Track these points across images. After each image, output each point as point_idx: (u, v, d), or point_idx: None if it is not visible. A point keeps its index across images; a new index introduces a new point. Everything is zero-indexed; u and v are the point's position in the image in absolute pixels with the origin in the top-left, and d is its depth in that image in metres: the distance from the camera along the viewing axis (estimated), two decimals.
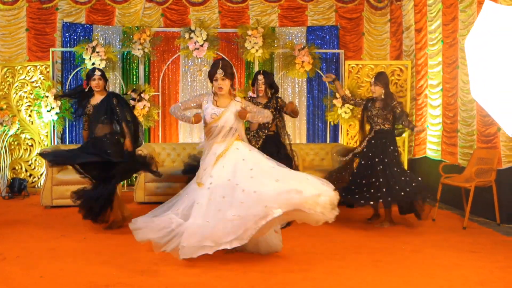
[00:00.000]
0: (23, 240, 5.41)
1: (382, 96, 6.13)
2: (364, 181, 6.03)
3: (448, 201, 7.38)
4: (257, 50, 8.81)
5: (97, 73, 5.99)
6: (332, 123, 9.14)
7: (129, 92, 8.34)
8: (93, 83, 5.98)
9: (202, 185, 4.64)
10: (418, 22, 8.54)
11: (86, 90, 6.04)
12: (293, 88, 9.50)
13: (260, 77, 6.16)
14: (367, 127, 6.31)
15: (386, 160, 6.01)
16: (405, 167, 8.62)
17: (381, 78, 6.16)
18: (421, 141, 8.53)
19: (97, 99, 6.03)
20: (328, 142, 9.14)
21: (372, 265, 4.58)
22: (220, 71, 4.78)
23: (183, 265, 4.47)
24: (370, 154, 6.12)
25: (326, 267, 4.52)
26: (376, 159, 6.04)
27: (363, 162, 6.19)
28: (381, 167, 5.99)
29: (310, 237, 5.62)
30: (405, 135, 8.57)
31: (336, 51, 9.35)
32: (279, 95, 6.55)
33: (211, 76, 4.88)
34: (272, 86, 6.23)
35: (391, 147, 6.09)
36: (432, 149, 8.13)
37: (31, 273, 4.32)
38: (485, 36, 3.40)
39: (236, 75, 4.93)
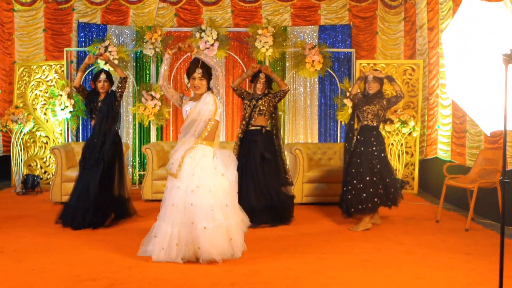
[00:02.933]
0: (24, 235, 5.55)
1: (374, 92, 6.05)
2: (350, 186, 5.97)
3: (454, 202, 7.26)
4: (267, 50, 8.81)
5: (102, 75, 6.15)
6: (342, 123, 9.07)
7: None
8: (99, 85, 6.18)
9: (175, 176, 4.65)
10: (431, 21, 8.41)
11: (94, 90, 6.24)
12: (304, 87, 9.47)
13: (262, 75, 6.21)
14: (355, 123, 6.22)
15: (369, 166, 5.91)
16: (416, 167, 8.53)
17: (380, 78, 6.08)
18: (433, 142, 8.41)
19: (102, 97, 6.21)
20: (338, 141, 9.08)
21: (360, 265, 4.54)
22: (199, 70, 4.69)
23: (171, 262, 4.52)
24: (358, 151, 6.03)
25: (312, 266, 4.51)
26: (362, 158, 5.95)
27: (353, 160, 6.08)
28: (362, 170, 5.92)
29: (304, 235, 5.63)
30: (416, 135, 8.46)
31: (348, 50, 9.28)
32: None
33: (189, 73, 4.76)
34: (270, 85, 6.28)
35: (378, 147, 5.98)
36: (442, 149, 8.00)
37: (23, 266, 4.43)
38: (464, 33, 3.34)
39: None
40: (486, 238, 5.58)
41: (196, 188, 4.56)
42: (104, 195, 6.00)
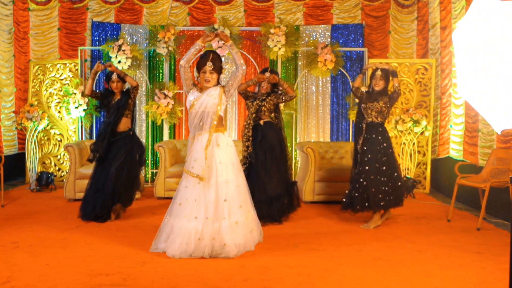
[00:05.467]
0: (39, 230, 5.63)
1: (380, 89, 6.06)
2: (357, 185, 5.99)
3: (466, 201, 7.25)
4: (279, 49, 8.83)
5: (114, 76, 6.28)
6: (355, 122, 9.02)
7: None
8: (113, 85, 6.33)
9: (203, 179, 4.71)
10: (443, 20, 8.39)
11: (108, 90, 6.37)
12: (317, 86, 9.48)
13: (268, 74, 6.22)
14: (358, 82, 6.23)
15: (376, 165, 5.93)
16: (428, 166, 8.51)
17: (387, 74, 6.08)
18: (445, 141, 8.39)
19: (118, 96, 6.32)
20: (350, 140, 9.09)
21: (371, 263, 4.56)
22: (210, 63, 4.74)
23: (185, 258, 4.58)
24: (365, 149, 6.03)
25: (323, 263, 4.54)
26: (369, 156, 5.97)
27: (360, 158, 6.09)
28: (369, 168, 5.93)
29: (316, 234, 5.65)
30: (428, 134, 8.45)
31: (360, 49, 9.28)
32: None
33: (200, 67, 4.81)
34: (275, 85, 6.30)
35: (384, 144, 5.99)
36: (454, 149, 7.98)
37: (39, 261, 4.52)
38: (475, 32, 3.34)
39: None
40: (498, 237, 5.56)
41: (225, 184, 4.68)
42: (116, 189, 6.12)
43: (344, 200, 6.11)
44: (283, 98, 6.27)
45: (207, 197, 4.64)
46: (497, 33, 3.33)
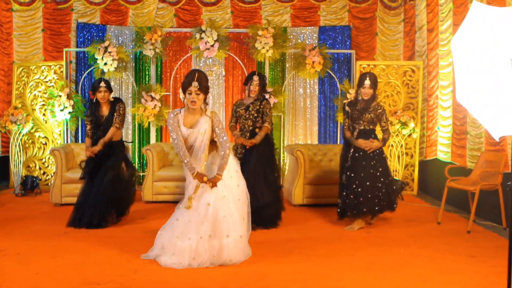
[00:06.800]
0: (27, 237, 5.52)
1: (367, 98, 6.05)
2: (351, 191, 5.99)
3: (455, 203, 7.29)
4: (267, 51, 8.80)
5: (102, 85, 6.14)
6: (342, 124, 9.05)
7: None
8: (99, 95, 6.19)
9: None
10: (430, 22, 8.44)
11: (93, 101, 6.23)
12: (304, 88, 9.47)
13: (256, 78, 6.17)
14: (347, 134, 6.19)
15: (371, 171, 5.94)
16: (415, 168, 8.56)
17: (376, 81, 6.08)
18: (432, 143, 8.44)
19: (104, 109, 6.22)
20: (338, 143, 9.09)
21: (366, 268, 4.55)
22: (195, 83, 4.50)
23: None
24: (357, 155, 6.03)
25: (318, 269, 4.52)
26: (363, 163, 5.97)
27: (353, 164, 6.09)
28: (364, 174, 5.94)
29: (309, 238, 5.63)
30: (415, 136, 8.49)
31: (348, 51, 9.29)
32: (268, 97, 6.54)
33: (185, 87, 4.57)
34: (264, 88, 6.26)
35: (377, 150, 6.00)
36: (442, 151, 8.03)
37: (28, 269, 4.42)
38: (473, 38, 3.34)
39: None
40: (488, 240, 5.60)
41: (223, 198, 4.58)
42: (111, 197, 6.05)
43: (339, 210, 6.10)
44: (265, 113, 6.18)
45: (203, 216, 4.54)
46: (495, 40, 3.34)
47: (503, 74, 3.36)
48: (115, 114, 6.14)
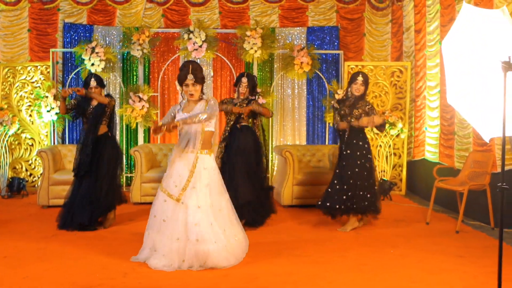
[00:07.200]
0: (14, 240, 5.46)
1: (359, 94, 6.07)
2: (338, 186, 6.00)
3: (443, 203, 7.33)
4: (255, 51, 8.79)
5: (93, 82, 6.08)
6: (331, 124, 9.08)
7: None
8: None
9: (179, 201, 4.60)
10: (418, 23, 8.48)
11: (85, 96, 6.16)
12: (292, 89, 9.48)
13: (244, 79, 6.20)
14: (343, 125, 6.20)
15: (356, 170, 5.96)
16: (403, 168, 8.60)
17: (367, 81, 6.11)
18: (420, 143, 8.48)
19: (95, 102, 6.14)
20: (327, 143, 9.11)
21: (357, 269, 4.55)
22: (190, 76, 4.56)
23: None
24: (345, 153, 6.04)
25: (309, 270, 4.51)
26: (350, 161, 5.99)
27: (340, 162, 6.11)
28: (351, 173, 5.96)
29: (299, 239, 5.63)
30: (403, 136, 8.53)
31: (336, 52, 9.30)
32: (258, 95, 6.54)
33: (181, 80, 4.64)
34: (254, 89, 6.26)
35: (363, 151, 6.02)
36: (430, 151, 8.07)
37: (16, 273, 4.36)
38: (462, 40, 3.37)
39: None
40: (477, 240, 5.64)
41: (210, 207, 4.58)
42: (97, 199, 5.97)
43: (331, 210, 6.07)
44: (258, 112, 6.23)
45: (187, 219, 4.50)
46: (484, 42, 3.37)
47: (492, 76, 3.39)
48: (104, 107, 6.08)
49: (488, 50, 3.32)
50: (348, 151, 6.01)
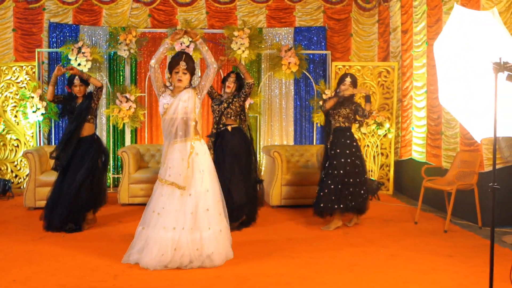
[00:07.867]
0: (1, 243, 5.37)
1: (346, 95, 6.10)
2: (333, 186, 6.01)
3: (431, 203, 7.37)
4: (243, 51, 8.78)
5: (77, 80, 6.09)
6: (319, 124, 9.11)
7: None
8: (75, 90, 6.14)
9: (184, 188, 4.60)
10: (405, 24, 8.53)
11: (70, 94, 6.14)
12: (280, 89, 9.47)
13: (232, 75, 6.26)
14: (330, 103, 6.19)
15: (348, 168, 5.99)
16: (391, 168, 8.64)
17: (356, 83, 6.16)
18: (407, 143, 8.53)
19: (80, 100, 6.12)
20: (314, 143, 9.12)
21: (348, 269, 4.56)
22: (183, 63, 4.61)
23: (158, 269, 4.46)
24: (333, 153, 6.07)
25: (301, 271, 4.51)
26: (337, 160, 6.02)
27: (329, 162, 6.13)
28: (343, 172, 5.99)
29: (289, 240, 5.62)
30: (391, 136, 8.57)
31: (323, 52, 9.32)
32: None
33: (172, 66, 4.66)
34: (241, 88, 6.22)
35: (353, 149, 6.06)
36: (417, 151, 8.12)
37: (4, 276, 4.30)
38: (454, 42, 3.39)
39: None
40: (466, 239, 5.68)
41: (206, 192, 4.62)
42: (82, 198, 5.90)
43: (329, 211, 6.07)
44: (244, 92, 6.11)
45: (186, 207, 4.53)
46: (475, 43, 3.39)
47: (482, 77, 3.42)
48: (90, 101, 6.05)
49: (478, 52, 3.34)
50: (338, 150, 6.04)
